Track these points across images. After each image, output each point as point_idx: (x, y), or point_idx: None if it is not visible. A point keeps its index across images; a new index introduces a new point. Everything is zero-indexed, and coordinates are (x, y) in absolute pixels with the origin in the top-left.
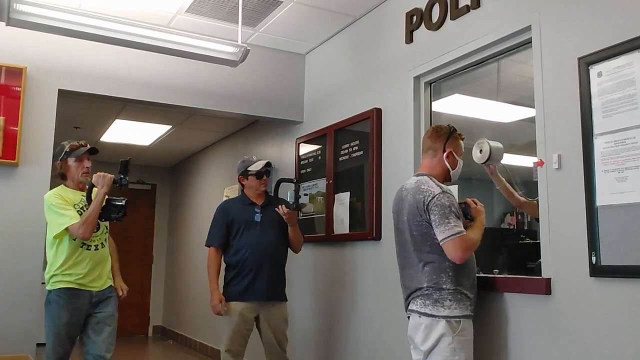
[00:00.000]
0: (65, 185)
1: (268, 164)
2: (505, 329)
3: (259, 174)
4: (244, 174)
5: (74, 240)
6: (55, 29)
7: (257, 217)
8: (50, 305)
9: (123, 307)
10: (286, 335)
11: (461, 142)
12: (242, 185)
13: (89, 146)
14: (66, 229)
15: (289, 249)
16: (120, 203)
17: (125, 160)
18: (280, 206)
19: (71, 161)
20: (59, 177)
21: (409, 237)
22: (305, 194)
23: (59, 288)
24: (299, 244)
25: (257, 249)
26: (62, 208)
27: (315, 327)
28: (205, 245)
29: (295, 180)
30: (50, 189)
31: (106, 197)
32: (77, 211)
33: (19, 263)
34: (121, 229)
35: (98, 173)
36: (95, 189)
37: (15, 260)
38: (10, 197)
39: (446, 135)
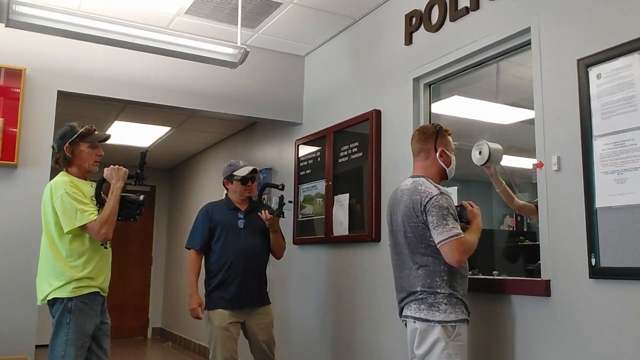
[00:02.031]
0: (68, 172)
1: (254, 171)
2: (504, 331)
3: (244, 180)
4: (229, 177)
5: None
6: (55, 31)
7: (241, 223)
8: (72, 314)
9: (122, 308)
10: (274, 338)
11: (449, 138)
12: (227, 188)
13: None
14: (84, 225)
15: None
16: (137, 199)
17: (144, 152)
18: (263, 211)
19: (84, 146)
20: (61, 161)
21: (402, 239)
22: (290, 201)
23: (85, 294)
24: (280, 251)
25: (241, 256)
26: (79, 201)
27: (314, 329)
28: (186, 247)
29: (281, 187)
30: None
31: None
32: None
33: (18, 264)
34: (120, 231)
35: (111, 166)
36: (102, 186)
37: (15, 261)
38: (9, 198)
39: (434, 135)
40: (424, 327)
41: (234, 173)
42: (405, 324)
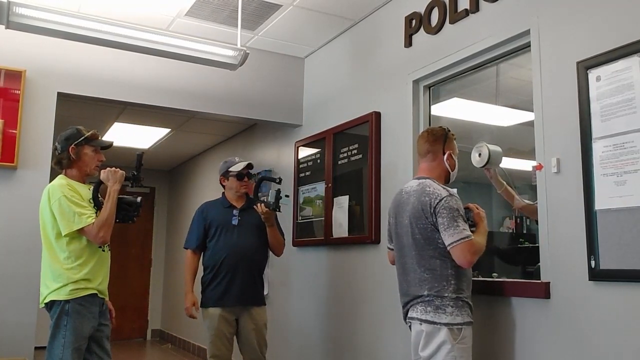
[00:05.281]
0: (67, 176)
1: (249, 166)
2: (504, 333)
3: (239, 175)
4: (225, 174)
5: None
6: (55, 32)
7: (235, 221)
8: (69, 316)
9: (121, 310)
10: (266, 340)
11: (455, 142)
12: (223, 186)
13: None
14: (82, 229)
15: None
16: (134, 201)
17: (140, 154)
18: (259, 204)
19: (89, 149)
20: (64, 163)
21: (409, 242)
22: (287, 195)
23: (82, 296)
24: (278, 246)
25: (233, 253)
26: (77, 204)
27: (313, 331)
28: (184, 248)
29: (277, 180)
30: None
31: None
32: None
33: (18, 266)
34: (119, 232)
35: (107, 168)
36: (99, 188)
37: (14, 263)
38: (9, 200)
39: (443, 137)
40: (430, 329)
41: (230, 169)
42: (410, 327)
